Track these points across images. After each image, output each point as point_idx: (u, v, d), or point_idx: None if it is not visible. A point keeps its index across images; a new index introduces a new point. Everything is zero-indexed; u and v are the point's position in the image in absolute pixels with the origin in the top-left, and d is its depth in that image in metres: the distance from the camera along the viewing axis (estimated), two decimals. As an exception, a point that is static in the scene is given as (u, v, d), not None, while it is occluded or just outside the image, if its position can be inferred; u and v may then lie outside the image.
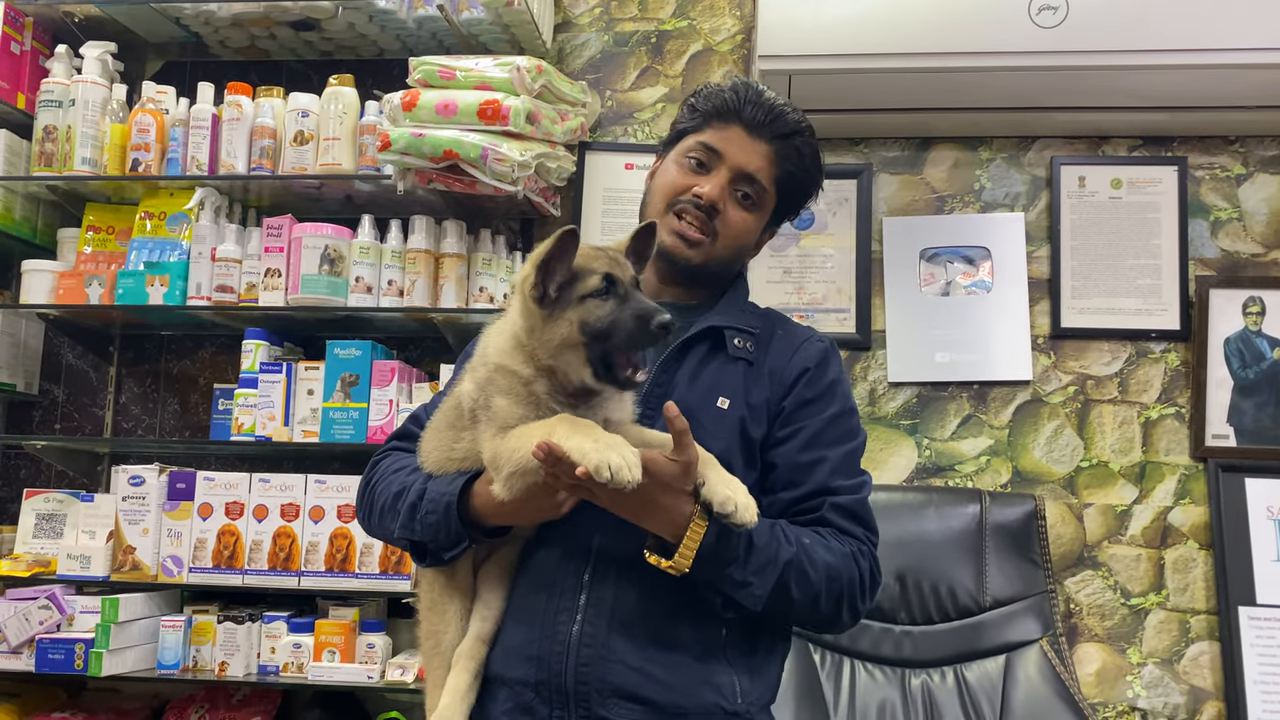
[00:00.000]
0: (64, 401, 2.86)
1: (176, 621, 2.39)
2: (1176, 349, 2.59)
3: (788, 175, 1.50)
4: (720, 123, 1.48)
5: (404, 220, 2.58)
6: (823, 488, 1.38)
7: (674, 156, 1.52)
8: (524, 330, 1.30)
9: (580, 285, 1.27)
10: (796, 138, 1.49)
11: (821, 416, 1.42)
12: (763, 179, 1.48)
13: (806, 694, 2.19)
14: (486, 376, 1.32)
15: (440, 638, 1.40)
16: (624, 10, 2.84)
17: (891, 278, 2.67)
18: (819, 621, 1.37)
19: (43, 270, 2.63)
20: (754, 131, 1.47)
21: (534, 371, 1.29)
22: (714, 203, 1.45)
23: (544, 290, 1.27)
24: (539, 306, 1.27)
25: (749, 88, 1.49)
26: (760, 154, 1.47)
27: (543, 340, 1.28)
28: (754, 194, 1.48)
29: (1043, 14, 2.36)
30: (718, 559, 1.26)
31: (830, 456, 1.40)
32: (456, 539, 1.34)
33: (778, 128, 1.47)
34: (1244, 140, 2.63)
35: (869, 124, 2.68)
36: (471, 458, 1.36)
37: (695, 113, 1.51)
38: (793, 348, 1.48)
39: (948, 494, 2.43)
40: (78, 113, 2.59)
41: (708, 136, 1.48)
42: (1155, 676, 2.48)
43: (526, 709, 1.33)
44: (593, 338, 1.26)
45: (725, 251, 1.48)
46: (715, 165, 1.47)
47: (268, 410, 2.48)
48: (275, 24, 2.70)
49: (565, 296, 1.26)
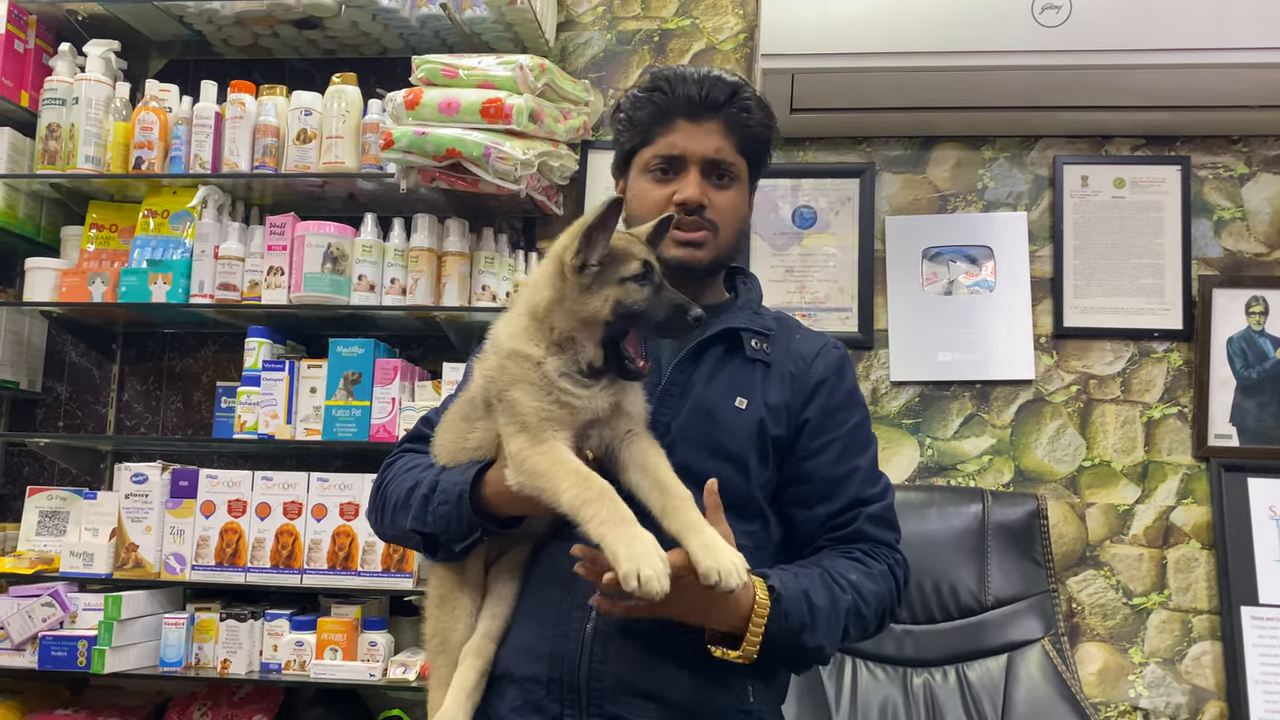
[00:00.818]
0: (67, 399, 2.86)
1: (179, 619, 2.40)
2: (1179, 349, 2.59)
3: (747, 137, 1.49)
4: (662, 127, 1.46)
5: (407, 219, 2.58)
6: (856, 499, 1.42)
7: (636, 177, 1.50)
8: (550, 300, 1.29)
9: (622, 267, 1.28)
10: (734, 101, 1.46)
11: (847, 427, 1.46)
12: (727, 155, 1.47)
13: (808, 693, 2.19)
14: (498, 364, 1.31)
15: (448, 634, 1.39)
16: (627, 9, 2.84)
17: (894, 277, 2.67)
18: (863, 640, 1.45)
19: (46, 268, 2.63)
20: (697, 118, 1.45)
21: (544, 350, 1.29)
22: (699, 202, 1.45)
23: (584, 260, 1.27)
24: (578, 275, 1.27)
25: (668, 80, 1.47)
26: (714, 133, 1.46)
27: (571, 310, 1.28)
28: (727, 172, 1.48)
29: (1046, 13, 2.35)
30: (787, 635, 1.27)
31: (861, 466, 1.44)
32: (469, 529, 1.33)
33: (714, 100, 1.45)
34: (1247, 140, 2.63)
35: (872, 123, 2.68)
36: (485, 448, 1.36)
37: (634, 127, 1.49)
38: (811, 354, 1.48)
39: (950, 493, 2.43)
40: (81, 111, 2.59)
41: (659, 146, 1.46)
42: (1157, 676, 2.48)
43: (536, 707, 1.33)
44: (622, 318, 1.27)
45: (729, 236, 1.49)
46: (680, 167, 1.46)
47: (270, 408, 2.48)
48: (278, 22, 2.70)
49: (604, 275, 1.27)
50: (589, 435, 1.30)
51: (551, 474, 1.22)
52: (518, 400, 1.27)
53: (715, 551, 1.17)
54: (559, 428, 1.26)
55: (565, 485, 1.20)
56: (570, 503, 1.19)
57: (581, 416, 1.28)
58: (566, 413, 1.27)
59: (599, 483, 1.21)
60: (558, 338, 1.29)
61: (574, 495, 1.19)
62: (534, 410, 1.26)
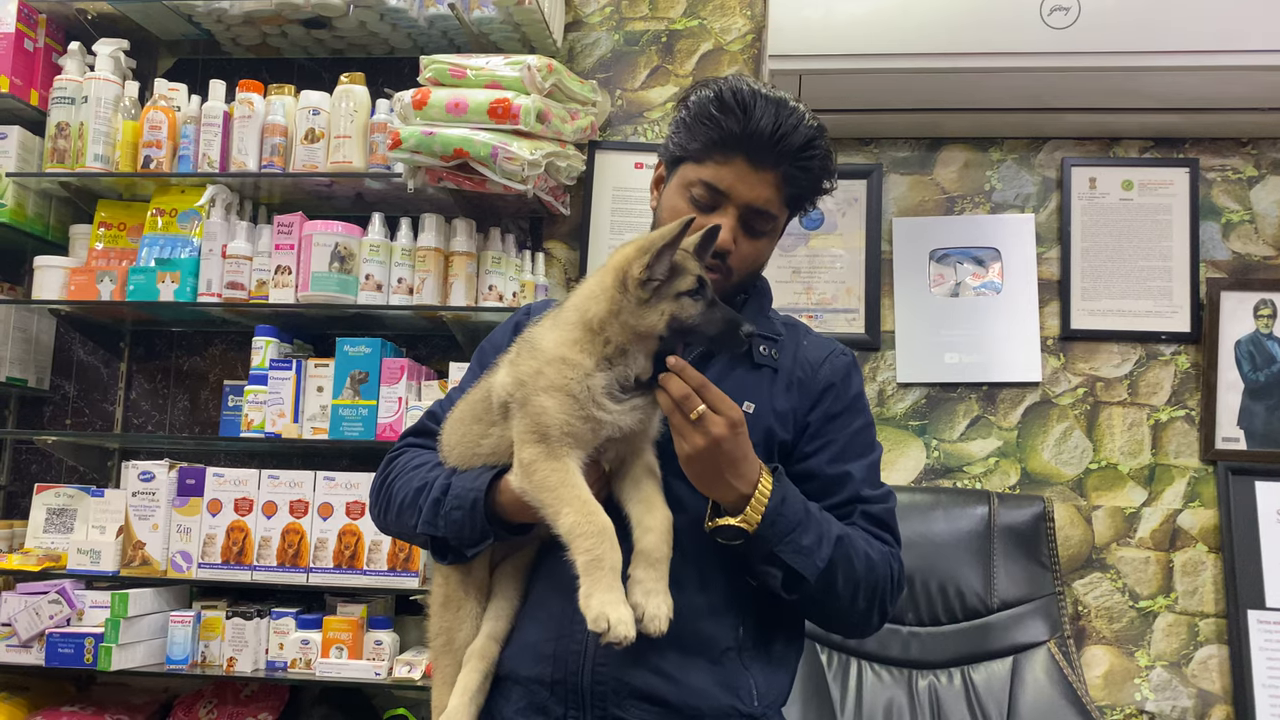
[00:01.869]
0: (75, 397, 2.87)
1: (185, 617, 2.40)
2: (1187, 351, 2.58)
3: (799, 195, 1.43)
4: (721, 155, 1.38)
5: (414, 218, 2.58)
6: (855, 496, 1.41)
7: (676, 186, 1.44)
8: (606, 313, 1.28)
9: (678, 282, 1.28)
10: (803, 153, 1.39)
11: (848, 430, 1.44)
12: (773, 208, 1.41)
13: (813, 694, 2.19)
14: (536, 369, 1.29)
15: (453, 635, 1.39)
16: (634, 9, 2.85)
17: (901, 278, 2.67)
18: (854, 619, 1.37)
19: (55, 266, 2.64)
20: (758, 162, 1.37)
21: (594, 363, 1.28)
22: (726, 249, 1.39)
23: (650, 275, 1.27)
24: (640, 289, 1.27)
25: (744, 105, 1.36)
26: (768, 183, 1.38)
27: (627, 323, 1.28)
28: (765, 224, 1.42)
29: (1054, 14, 2.35)
30: (785, 521, 1.27)
31: (857, 470, 1.42)
32: (481, 535, 1.33)
33: (783, 150, 1.37)
34: (1256, 142, 2.62)
35: (879, 124, 2.68)
36: (499, 453, 1.36)
37: (693, 137, 1.41)
38: (819, 360, 1.47)
39: (956, 495, 2.42)
40: (90, 110, 2.60)
41: (709, 173, 1.38)
42: (1164, 679, 2.47)
43: (540, 708, 1.33)
44: (676, 333, 1.27)
45: (740, 280, 1.45)
46: (722, 203, 1.39)
47: (277, 407, 2.49)
48: (287, 22, 2.71)
49: (661, 290, 1.28)
50: (606, 448, 1.31)
51: (559, 493, 1.24)
52: (545, 409, 1.26)
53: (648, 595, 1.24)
54: (576, 445, 1.27)
55: (568, 510, 1.23)
56: (568, 529, 1.22)
57: (604, 433, 1.28)
58: (590, 430, 1.27)
59: (601, 520, 1.23)
60: (611, 351, 1.29)
61: (573, 523, 1.22)
62: (559, 423, 1.26)
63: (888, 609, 1.39)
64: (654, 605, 1.23)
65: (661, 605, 1.23)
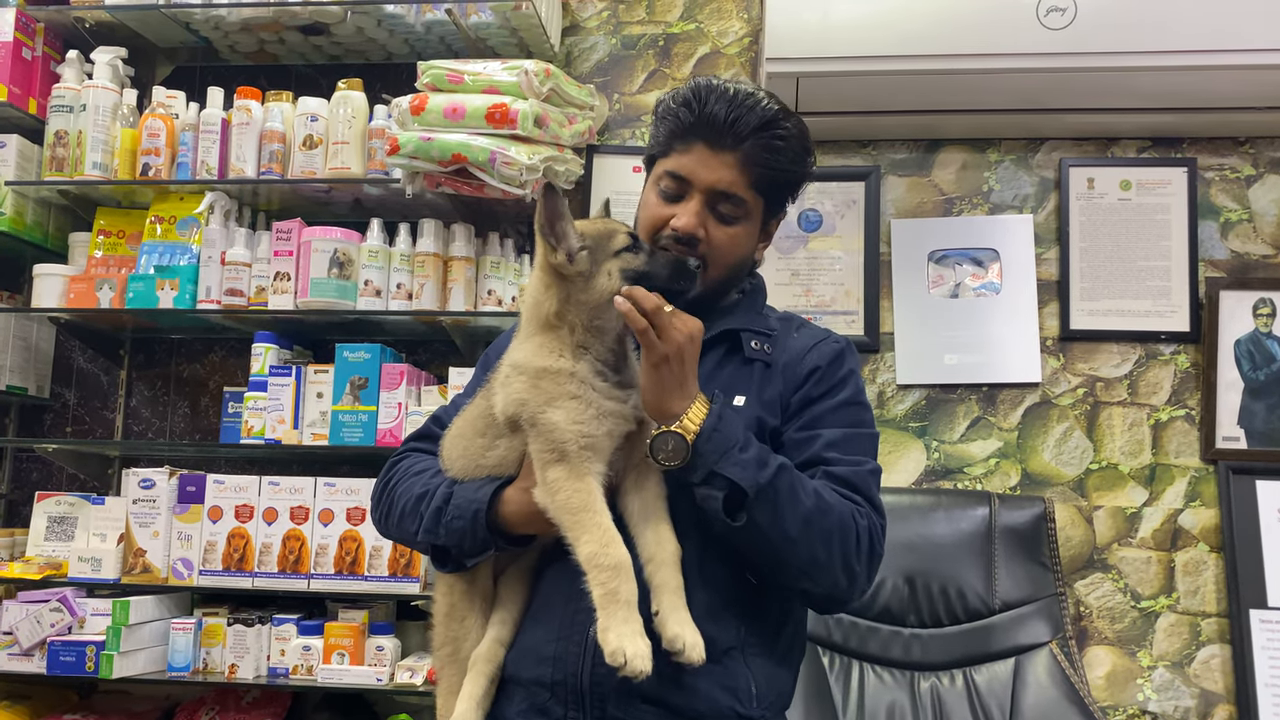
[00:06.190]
0: (75, 405, 2.87)
1: (187, 624, 2.40)
2: (1186, 351, 2.58)
3: (765, 176, 1.42)
4: (680, 144, 1.42)
5: (412, 224, 2.58)
6: (817, 458, 1.37)
7: (649, 183, 1.48)
8: (558, 303, 1.31)
9: (609, 243, 1.32)
10: (763, 134, 1.39)
11: (826, 404, 1.42)
12: (738, 190, 1.41)
13: (815, 696, 2.19)
14: (529, 385, 1.30)
15: (459, 644, 1.39)
16: (631, 13, 2.85)
17: (900, 280, 2.67)
18: (817, 572, 1.29)
19: (54, 274, 2.64)
20: (716, 145, 1.39)
21: (571, 358, 1.30)
22: (692, 233, 1.40)
23: (566, 249, 1.30)
24: (571, 265, 1.30)
25: (700, 96, 1.40)
26: (727, 165, 1.39)
27: (581, 301, 1.30)
28: (733, 209, 1.42)
29: (1051, 15, 2.35)
30: (722, 438, 1.26)
31: (825, 434, 1.38)
32: (482, 546, 1.35)
33: (739, 131, 1.38)
34: (1254, 141, 2.62)
35: (877, 126, 2.68)
36: (503, 467, 1.37)
37: (659, 134, 1.46)
38: (807, 347, 1.47)
39: (957, 496, 2.42)
40: (89, 118, 2.60)
41: (671, 163, 1.42)
42: (1166, 680, 2.47)
43: (542, 710, 1.33)
44: (633, 280, 1.29)
45: (720, 273, 1.45)
46: (686, 192, 1.41)
47: (277, 413, 2.49)
48: (284, 29, 2.71)
49: (597, 256, 1.31)
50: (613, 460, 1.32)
51: (580, 519, 1.24)
52: (557, 425, 1.26)
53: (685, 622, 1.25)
54: (595, 457, 1.27)
55: (587, 539, 1.23)
56: (586, 557, 1.23)
57: (620, 428, 1.29)
58: (604, 430, 1.28)
59: (618, 553, 1.23)
60: (581, 337, 1.31)
61: (591, 553, 1.23)
62: (574, 435, 1.26)
63: (855, 566, 1.30)
64: (691, 634, 1.24)
65: (698, 635, 1.25)
